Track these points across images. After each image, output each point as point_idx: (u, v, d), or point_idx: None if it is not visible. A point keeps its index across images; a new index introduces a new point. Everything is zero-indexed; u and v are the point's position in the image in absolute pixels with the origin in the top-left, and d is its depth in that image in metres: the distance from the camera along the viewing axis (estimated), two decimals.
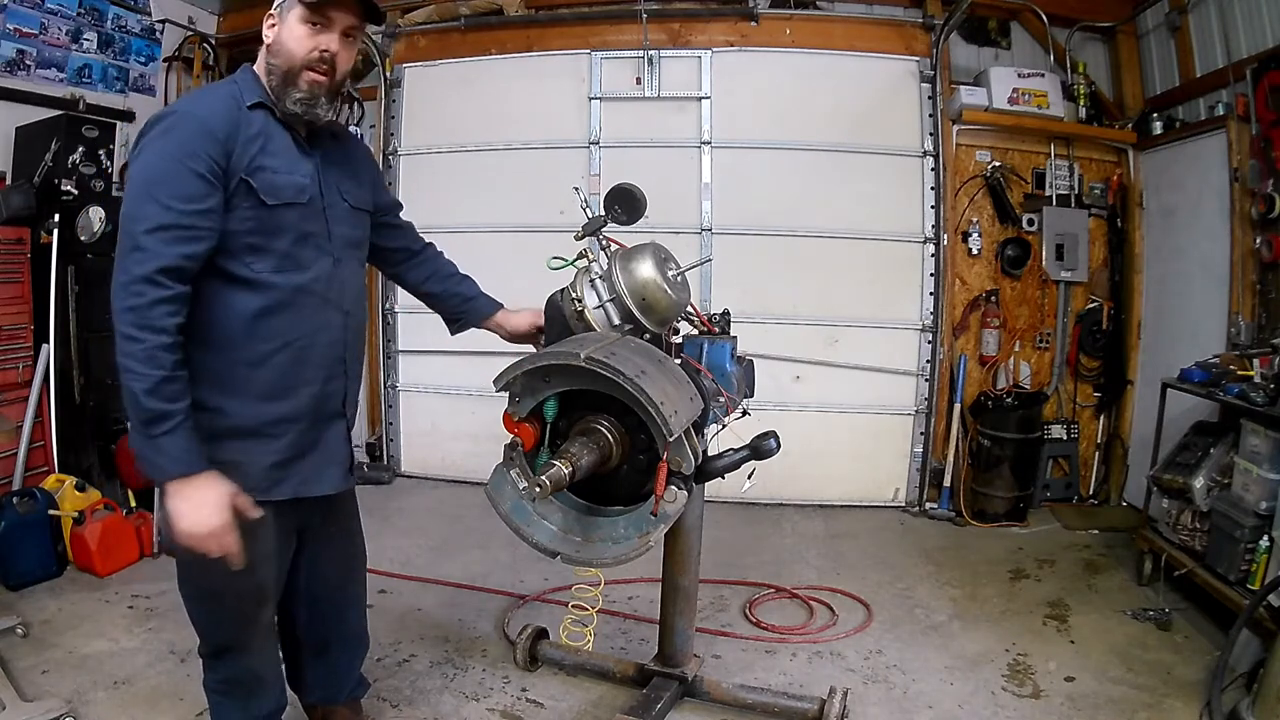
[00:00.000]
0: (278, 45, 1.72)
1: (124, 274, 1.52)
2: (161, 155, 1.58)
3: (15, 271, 3.66)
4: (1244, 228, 3.72)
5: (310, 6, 1.68)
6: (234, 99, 1.69)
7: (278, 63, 1.72)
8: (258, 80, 1.75)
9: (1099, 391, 4.66)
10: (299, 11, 1.69)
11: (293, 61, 1.70)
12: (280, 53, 1.71)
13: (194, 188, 1.57)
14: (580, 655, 2.69)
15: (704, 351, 2.26)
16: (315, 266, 1.78)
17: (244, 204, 1.65)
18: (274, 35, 1.73)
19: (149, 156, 1.60)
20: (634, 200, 2.25)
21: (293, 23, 1.70)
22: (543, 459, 1.95)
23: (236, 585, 1.77)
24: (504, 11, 4.68)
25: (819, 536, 4.09)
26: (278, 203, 1.69)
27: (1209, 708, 2.42)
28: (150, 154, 1.60)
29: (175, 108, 1.68)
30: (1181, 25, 4.19)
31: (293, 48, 1.70)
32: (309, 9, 1.69)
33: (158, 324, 1.52)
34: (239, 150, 1.64)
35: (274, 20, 1.73)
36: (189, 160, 1.57)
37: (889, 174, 4.49)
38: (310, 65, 1.71)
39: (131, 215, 1.54)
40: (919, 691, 2.62)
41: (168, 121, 1.62)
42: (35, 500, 3.33)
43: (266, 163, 1.68)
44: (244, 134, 1.66)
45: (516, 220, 4.65)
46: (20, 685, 2.46)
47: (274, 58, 1.72)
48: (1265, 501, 2.77)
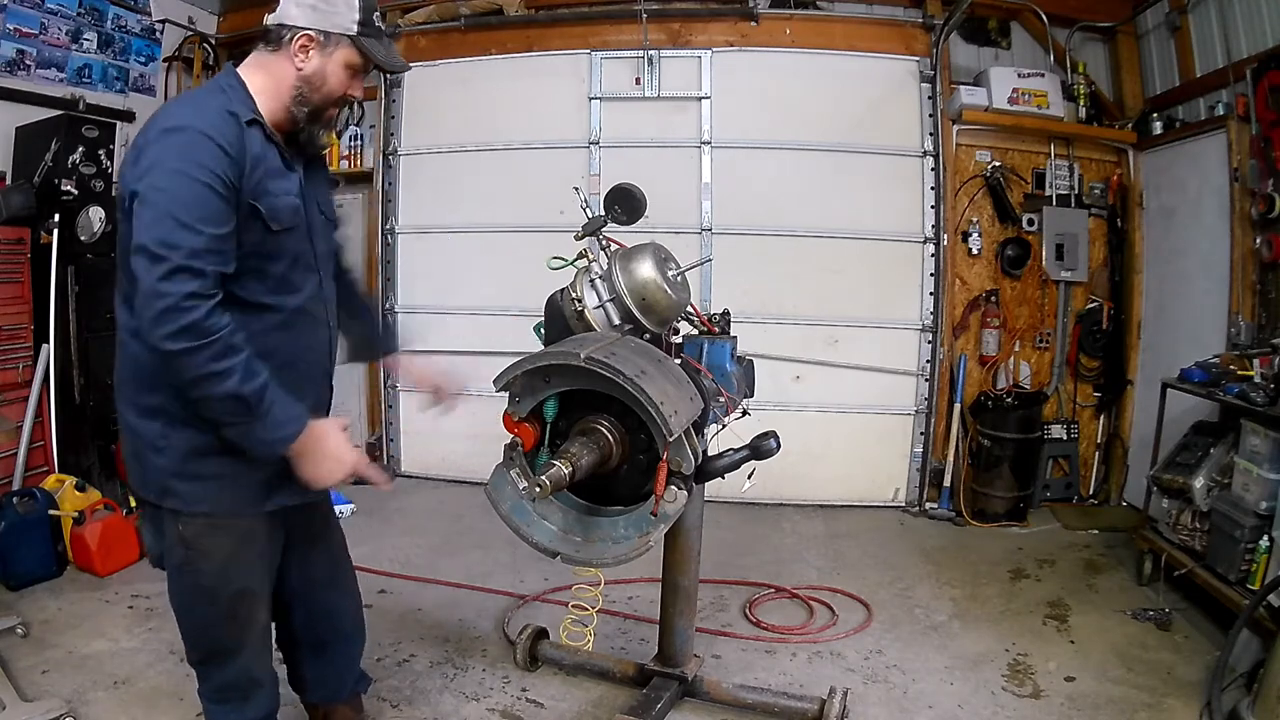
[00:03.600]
0: (318, 77, 1.69)
1: (162, 299, 1.47)
2: (180, 175, 1.52)
3: (15, 271, 3.65)
4: (1244, 228, 3.72)
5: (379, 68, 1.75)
6: (232, 114, 1.62)
7: (311, 94, 1.70)
8: (246, 91, 1.67)
9: (1099, 391, 4.66)
10: (352, 57, 1.69)
11: (330, 98, 1.71)
12: (321, 86, 1.69)
13: (217, 210, 1.54)
14: (580, 655, 2.69)
15: (704, 351, 2.26)
16: (307, 286, 1.78)
17: (248, 228, 1.62)
18: (313, 66, 1.68)
19: (166, 177, 1.52)
20: (634, 200, 2.26)
21: (340, 62, 1.69)
22: (543, 459, 1.96)
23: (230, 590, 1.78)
24: (504, 11, 4.68)
25: (819, 536, 4.09)
26: (280, 228, 1.68)
27: (1209, 708, 2.42)
28: (166, 173, 1.53)
29: (180, 121, 1.58)
30: (1181, 25, 4.18)
31: (334, 85, 1.70)
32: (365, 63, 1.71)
33: (217, 325, 1.52)
34: (248, 172, 1.61)
35: (310, 46, 1.67)
36: (210, 182, 1.53)
37: (889, 174, 4.49)
38: (341, 104, 1.74)
39: (164, 241, 1.48)
40: (919, 691, 2.62)
41: (179, 138, 1.55)
42: (35, 500, 3.33)
43: (270, 186, 1.66)
44: (250, 154, 1.62)
45: (516, 220, 4.65)
46: (20, 685, 2.46)
47: (308, 87, 1.69)
48: (1265, 501, 2.77)
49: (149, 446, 1.70)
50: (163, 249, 1.48)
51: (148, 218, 1.50)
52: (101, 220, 3.88)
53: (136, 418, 1.70)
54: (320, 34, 1.66)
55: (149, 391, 1.67)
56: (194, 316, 1.48)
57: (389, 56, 1.77)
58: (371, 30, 1.71)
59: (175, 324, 1.47)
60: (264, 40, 1.71)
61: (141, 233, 1.50)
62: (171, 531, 1.74)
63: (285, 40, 1.67)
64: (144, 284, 1.49)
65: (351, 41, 1.68)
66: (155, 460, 1.70)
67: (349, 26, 1.67)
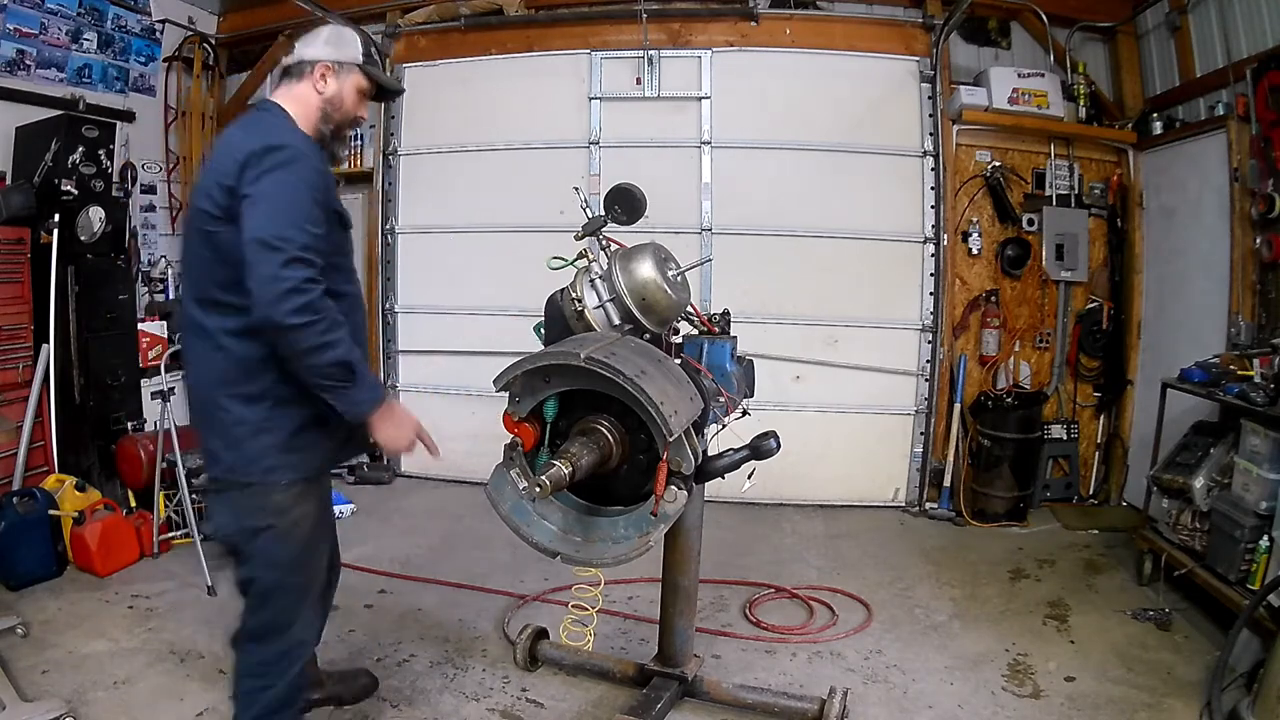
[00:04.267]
0: (338, 98, 2.02)
1: (284, 281, 1.72)
2: (292, 186, 1.80)
3: (15, 271, 3.66)
4: (1244, 228, 3.72)
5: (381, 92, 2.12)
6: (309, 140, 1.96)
7: (333, 113, 2.02)
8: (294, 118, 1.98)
9: (1099, 391, 4.66)
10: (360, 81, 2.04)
11: (347, 117, 2.05)
12: (341, 108, 2.03)
13: (318, 215, 1.84)
14: (580, 655, 2.69)
15: (704, 351, 2.26)
16: (354, 276, 2.11)
17: (334, 231, 1.94)
18: (331, 90, 2.01)
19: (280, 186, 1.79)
20: (634, 200, 2.26)
21: (352, 86, 2.04)
22: (543, 459, 1.96)
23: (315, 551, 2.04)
24: (504, 11, 4.68)
25: (819, 536, 4.09)
26: (348, 228, 2.05)
27: (1209, 708, 2.43)
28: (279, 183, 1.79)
29: (286, 140, 1.86)
30: (1181, 25, 4.19)
31: (350, 106, 2.05)
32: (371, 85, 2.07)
33: (326, 304, 1.77)
34: (332, 187, 1.96)
35: (328, 74, 2.00)
36: (313, 192, 1.83)
37: (889, 174, 4.49)
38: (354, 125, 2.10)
39: (280, 236, 1.74)
40: (919, 691, 2.62)
41: (287, 153, 1.82)
42: (35, 500, 3.33)
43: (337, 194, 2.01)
44: (328, 169, 1.98)
45: (516, 220, 4.65)
46: (20, 685, 2.46)
47: (333, 109, 2.02)
48: (1265, 501, 2.77)
49: (255, 429, 1.89)
50: (279, 242, 1.73)
51: (262, 217, 1.76)
52: (101, 220, 3.88)
53: (243, 406, 1.88)
54: (335, 63, 2.01)
55: (253, 381, 1.88)
56: (311, 296, 1.74)
57: (388, 79, 2.16)
58: (372, 61, 2.09)
59: (297, 302, 1.72)
60: (286, 74, 2.04)
61: (258, 229, 1.75)
62: (270, 503, 1.91)
63: (307, 72, 2.01)
64: (265, 271, 1.73)
65: (359, 68, 2.04)
66: (260, 440, 1.89)
67: (356, 57, 2.04)
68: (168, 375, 3.70)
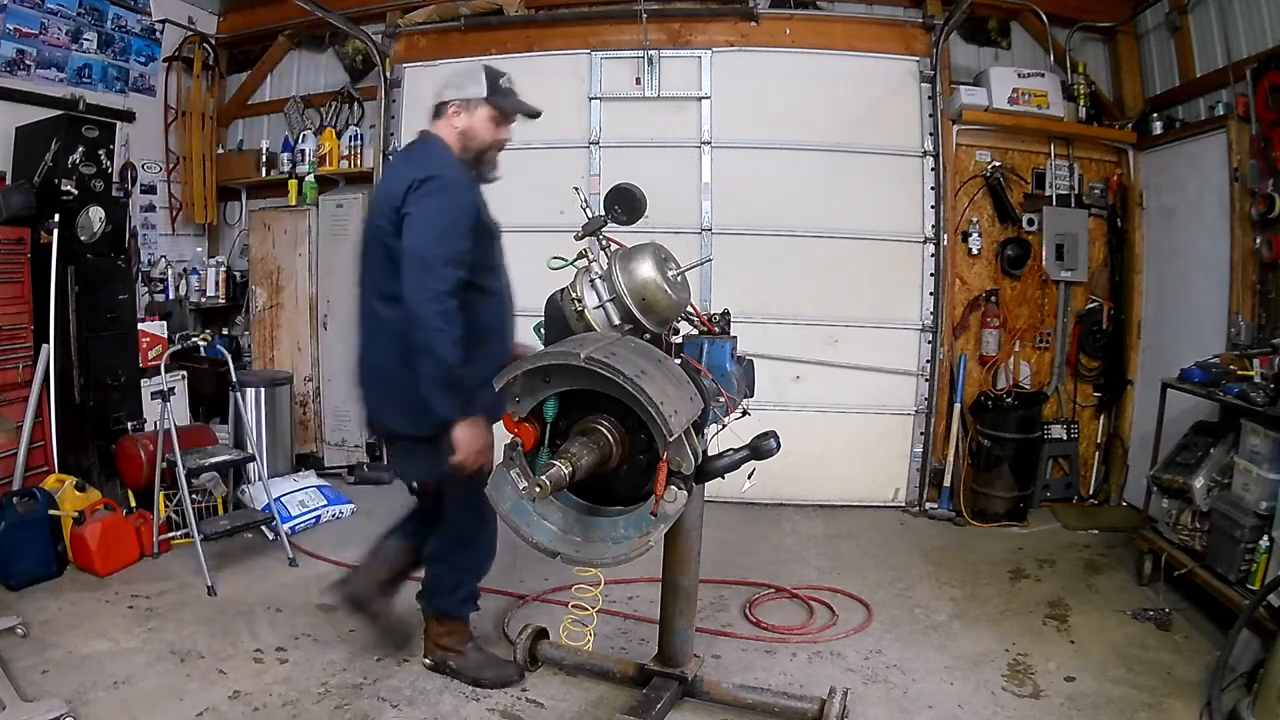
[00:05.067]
0: (471, 131, 2.40)
1: (429, 289, 2.15)
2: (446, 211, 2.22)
3: (15, 271, 3.65)
4: (1244, 228, 3.72)
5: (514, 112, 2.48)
6: (461, 166, 2.37)
7: (470, 142, 2.40)
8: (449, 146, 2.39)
9: (1099, 391, 4.66)
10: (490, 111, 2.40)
11: (485, 144, 2.42)
12: (476, 138, 2.40)
13: (465, 236, 2.24)
14: (580, 655, 2.69)
15: (704, 351, 2.26)
16: (503, 276, 2.47)
17: (483, 240, 2.32)
18: (464, 124, 2.39)
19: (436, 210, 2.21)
20: (634, 200, 2.26)
21: (483, 117, 2.40)
22: (543, 459, 1.96)
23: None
24: (504, 11, 4.68)
25: (819, 536, 4.09)
26: (494, 238, 2.41)
27: (1209, 708, 2.42)
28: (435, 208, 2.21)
29: (443, 172, 2.27)
30: (1181, 25, 4.19)
31: (484, 135, 2.41)
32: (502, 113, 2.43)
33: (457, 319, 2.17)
34: (479, 205, 2.35)
35: (460, 111, 2.39)
36: (462, 216, 2.25)
37: (889, 174, 4.49)
38: (498, 148, 2.46)
39: (434, 252, 2.17)
40: (919, 691, 2.62)
41: (439, 182, 2.23)
42: (35, 500, 3.33)
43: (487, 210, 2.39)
44: (478, 192, 2.39)
45: (516, 220, 4.56)
46: (20, 685, 2.46)
47: (469, 140, 2.40)
48: (1265, 501, 2.77)
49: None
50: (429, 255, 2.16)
51: (418, 234, 2.19)
52: (101, 220, 3.87)
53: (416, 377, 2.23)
54: (462, 102, 2.39)
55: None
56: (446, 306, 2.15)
57: (518, 104, 2.48)
58: (500, 91, 2.42)
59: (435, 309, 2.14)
60: (435, 112, 2.43)
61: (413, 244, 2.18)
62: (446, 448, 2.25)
63: (445, 111, 2.41)
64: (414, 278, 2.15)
65: (485, 101, 2.39)
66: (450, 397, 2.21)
67: (480, 93, 2.39)
68: (168, 375, 3.70)
